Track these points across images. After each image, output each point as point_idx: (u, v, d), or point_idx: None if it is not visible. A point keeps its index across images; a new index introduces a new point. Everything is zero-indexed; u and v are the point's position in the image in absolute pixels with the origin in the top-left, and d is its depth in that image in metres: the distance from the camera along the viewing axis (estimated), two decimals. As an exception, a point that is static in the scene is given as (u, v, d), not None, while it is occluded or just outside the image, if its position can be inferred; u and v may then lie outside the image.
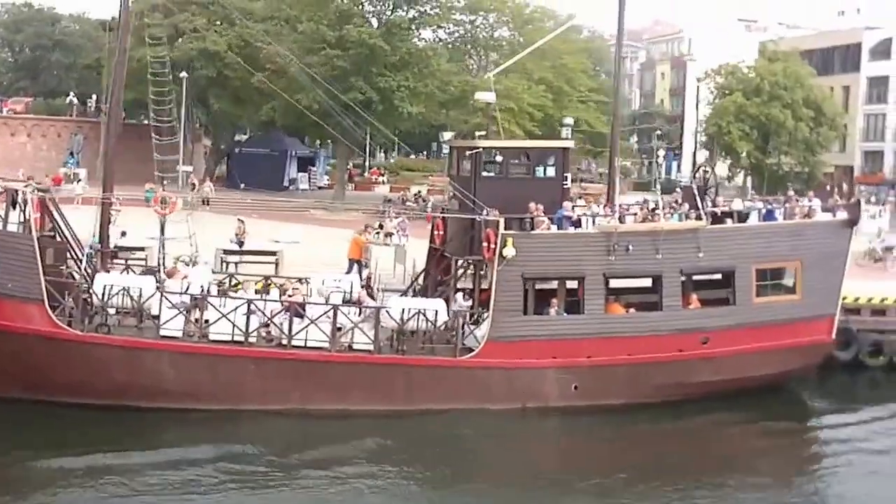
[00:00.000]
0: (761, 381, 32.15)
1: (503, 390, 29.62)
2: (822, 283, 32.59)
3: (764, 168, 74.18)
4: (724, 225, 31.92)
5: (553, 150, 32.32)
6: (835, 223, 33.22)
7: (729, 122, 70.74)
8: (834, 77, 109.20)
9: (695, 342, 31.11)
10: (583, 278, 30.23)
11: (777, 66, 73.67)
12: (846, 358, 38.23)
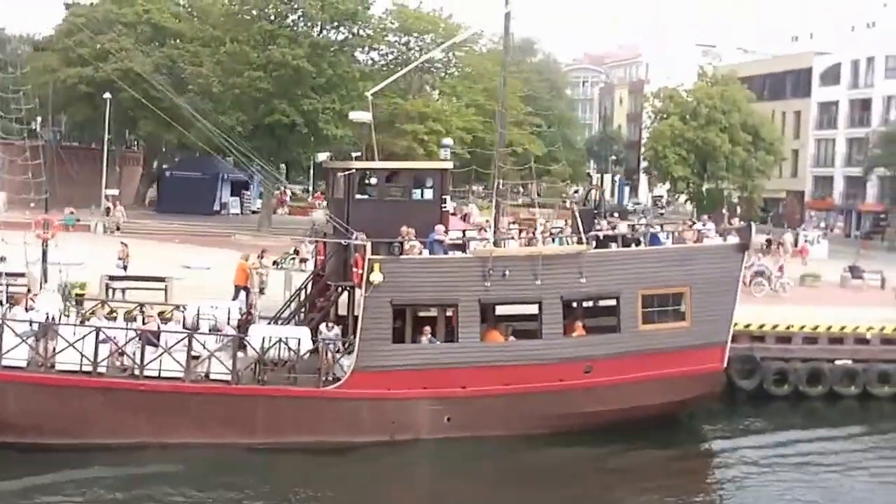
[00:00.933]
0: (650, 411, 30.93)
1: (370, 422, 28.34)
2: (713, 309, 31.48)
3: (702, 193, 73.19)
4: (607, 249, 30.67)
5: (431, 171, 31.16)
6: (726, 247, 32.14)
7: (665, 146, 69.75)
8: (786, 102, 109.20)
9: (577, 371, 29.92)
10: (456, 305, 28.96)
11: (714, 89, 72.80)
12: (750, 387, 37.29)
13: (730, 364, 36.53)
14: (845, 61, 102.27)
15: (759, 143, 71.64)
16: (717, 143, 68.60)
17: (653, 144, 72.01)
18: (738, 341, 37.59)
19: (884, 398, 38.11)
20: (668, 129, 69.85)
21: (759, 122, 71.86)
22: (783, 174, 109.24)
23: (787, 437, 34.17)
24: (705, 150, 69.58)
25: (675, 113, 71.24)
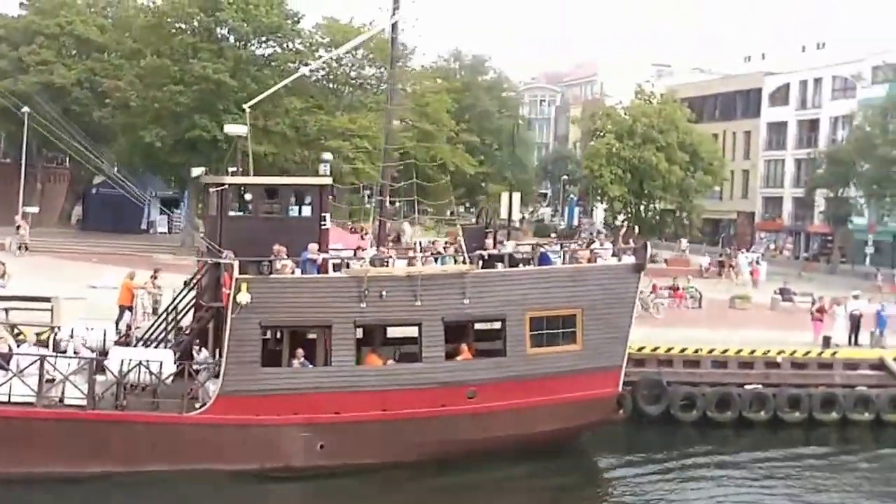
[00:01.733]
0: (540, 438, 29.76)
1: (237, 450, 26.93)
2: (607, 332, 30.28)
3: (640, 213, 72.22)
4: (492, 269, 29.41)
5: (309, 187, 29.80)
6: (621, 268, 30.94)
7: (601, 164, 68.68)
8: (737, 122, 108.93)
9: (460, 396, 28.63)
10: (329, 327, 27.63)
11: (651, 108, 71.91)
12: (656, 412, 36.08)
13: (636, 389, 35.74)
14: (794, 82, 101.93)
15: (697, 162, 70.61)
16: (653, 162, 67.53)
17: (588, 163, 70.87)
18: (645, 365, 36.74)
19: (794, 424, 37.00)
20: (604, 148, 68.76)
21: (698, 141, 70.80)
22: (734, 195, 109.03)
23: (693, 463, 33.08)
24: (642, 170, 68.51)
25: (611, 131, 70.16)
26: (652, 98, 74.21)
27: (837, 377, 38.06)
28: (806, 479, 32.15)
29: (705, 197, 74.99)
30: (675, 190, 69.36)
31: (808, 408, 37.15)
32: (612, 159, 68.59)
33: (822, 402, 37.35)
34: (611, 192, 68.00)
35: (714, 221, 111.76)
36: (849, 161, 74.37)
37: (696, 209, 73.16)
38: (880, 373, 38.37)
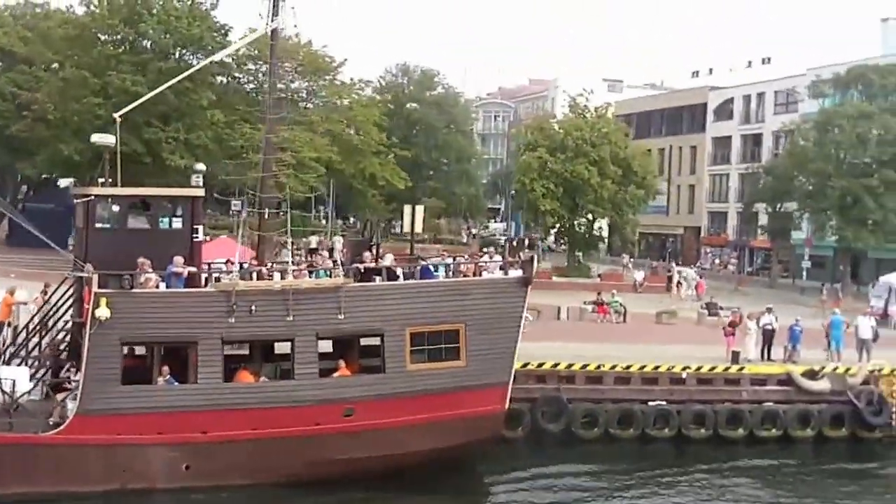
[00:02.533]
0: (422, 457, 28.81)
1: (98, 470, 25.92)
2: (493, 347, 29.42)
3: (573, 227, 71.73)
4: (369, 283, 28.54)
5: (180, 199, 28.85)
6: (506, 282, 30.13)
7: (533, 178, 68.06)
8: (683, 137, 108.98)
9: (335, 415, 27.73)
10: (195, 343, 26.66)
11: (583, 121, 71.45)
12: (556, 430, 35.25)
13: (535, 406, 34.94)
14: (738, 97, 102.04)
15: (630, 176, 70.12)
16: (585, 176, 66.97)
17: (520, 177, 70.24)
18: (546, 382, 35.94)
19: (700, 440, 36.24)
20: (535, 161, 68.14)
21: (631, 155, 70.33)
22: (681, 210, 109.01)
23: (593, 481, 32.35)
24: (574, 183, 67.93)
25: (544, 145, 69.56)
26: (586, 112, 73.58)
27: (744, 393, 37.41)
28: (710, 495, 31.44)
29: (641, 211, 74.34)
30: (607, 204, 68.73)
31: (714, 424, 36.44)
32: (544, 173, 67.92)
33: (728, 418, 36.70)
34: (542, 205, 67.32)
35: (661, 236, 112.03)
36: (786, 176, 74.06)
37: (629, 223, 72.56)
38: (788, 388, 37.71)
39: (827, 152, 68.14)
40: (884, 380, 38.61)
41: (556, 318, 53.69)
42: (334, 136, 65.12)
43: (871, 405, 37.68)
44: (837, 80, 72.27)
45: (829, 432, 37.54)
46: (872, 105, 67.99)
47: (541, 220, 72.53)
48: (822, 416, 37.48)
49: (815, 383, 37.73)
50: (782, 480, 33.70)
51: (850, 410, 37.66)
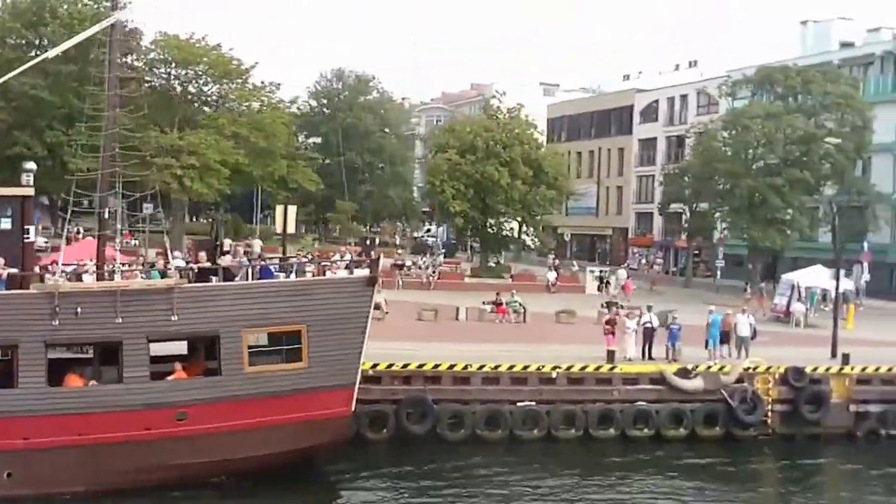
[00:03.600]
0: (263, 461, 28.22)
1: (-89, 480, 25.07)
2: (337, 349, 28.89)
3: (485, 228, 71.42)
4: (203, 284, 27.89)
5: (8, 198, 28.05)
6: (351, 281, 29.59)
7: (443, 180, 67.67)
8: (611, 139, 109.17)
9: (168, 419, 27.03)
10: (16, 346, 25.90)
11: (492, 122, 71.16)
12: (421, 431, 34.72)
13: (400, 407, 34.47)
14: (662, 99, 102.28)
15: (541, 177, 69.86)
16: (495, 177, 66.64)
17: (430, 179, 69.86)
18: (411, 383, 35.41)
19: (570, 441, 35.85)
20: (445, 163, 67.77)
21: (542, 156, 70.09)
22: (609, 211, 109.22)
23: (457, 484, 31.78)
24: (484, 184, 67.60)
25: (455, 147, 69.19)
26: (499, 114, 73.28)
27: (616, 392, 37.01)
28: (579, 496, 31.07)
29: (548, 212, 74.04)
30: (517, 205, 68.43)
31: (585, 424, 36.06)
32: (454, 174, 67.55)
33: (599, 418, 36.33)
34: (451, 207, 66.92)
35: (591, 237, 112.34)
36: (700, 176, 74.12)
37: (540, 224, 72.33)
38: (660, 387, 37.37)
39: (735, 152, 68.18)
40: (759, 378, 38.40)
41: (455, 318, 53.30)
42: (241, 140, 64.39)
43: (744, 403, 37.44)
44: (745, 81, 72.34)
45: (702, 431, 37.28)
46: (780, 105, 67.98)
47: (451, 222, 72.08)
48: (696, 416, 37.22)
49: (688, 382, 37.46)
50: (654, 480, 33.30)
51: (724, 409, 37.41)
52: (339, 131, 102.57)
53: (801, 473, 35.64)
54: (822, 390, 38.52)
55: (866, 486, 34.25)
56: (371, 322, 29.86)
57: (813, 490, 33.73)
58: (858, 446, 38.46)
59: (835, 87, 66.55)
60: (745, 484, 33.99)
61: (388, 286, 65.69)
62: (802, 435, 38.41)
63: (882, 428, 38.92)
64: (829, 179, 68.43)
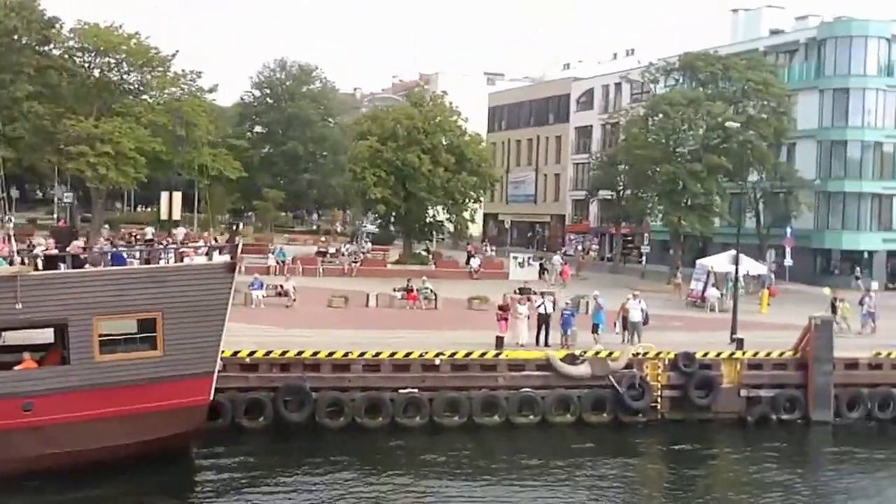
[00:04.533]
0: (116, 452, 27.55)
1: None
2: (194, 336, 28.28)
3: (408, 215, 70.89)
4: (50, 271, 27.18)
5: None
6: (210, 267, 28.98)
7: (364, 167, 67.10)
8: (549, 127, 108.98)
9: (14, 409, 26.32)
10: None
11: (414, 110, 70.60)
12: (299, 420, 34.17)
13: (277, 395, 33.94)
14: (597, 87, 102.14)
15: (464, 164, 69.43)
16: (416, 164, 66.16)
17: (352, 166, 69.28)
18: (290, 370, 34.87)
19: (453, 428, 35.42)
20: (367, 150, 67.20)
21: (465, 143, 69.63)
22: (547, 198, 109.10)
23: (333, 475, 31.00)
24: (406, 172, 67.11)
25: (377, 134, 68.63)
26: (423, 101, 72.74)
27: (501, 379, 36.56)
28: (463, 484, 30.58)
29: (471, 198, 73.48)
30: (440, 192, 67.97)
31: (469, 411, 35.62)
32: (376, 161, 67.02)
33: (484, 405, 35.90)
34: (373, 193, 66.38)
35: (530, 224, 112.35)
36: (625, 162, 74.00)
37: (462, 210, 71.90)
38: (547, 373, 36.98)
39: (657, 139, 68.05)
40: (649, 363, 38.11)
41: (366, 305, 52.85)
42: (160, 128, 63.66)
43: (632, 389, 37.16)
44: (668, 69, 72.18)
45: (590, 418, 36.94)
46: (700, 92, 67.86)
47: (373, 209, 71.61)
48: (583, 402, 36.90)
49: (575, 368, 37.11)
50: (539, 467, 32.80)
51: (612, 395, 37.09)
52: (286, 121, 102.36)
53: (689, 458, 35.39)
54: (711, 375, 38.27)
55: (754, 469, 33.95)
56: (232, 308, 29.34)
57: (700, 474, 33.38)
58: (749, 431, 38.25)
59: (754, 74, 66.41)
60: (632, 469, 33.71)
61: (310, 274, 65.49)
62: (693, 420, 38.13)
63: (773, 413, 38.73)
64: (750, 166, 68.30)
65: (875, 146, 73.61)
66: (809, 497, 30.82)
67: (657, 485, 32.46)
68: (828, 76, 74.25)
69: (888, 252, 74.97)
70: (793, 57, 78.73)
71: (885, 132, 73.46)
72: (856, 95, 73.21)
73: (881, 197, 74.28)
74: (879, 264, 74.66)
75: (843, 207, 73.91)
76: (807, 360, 39.37)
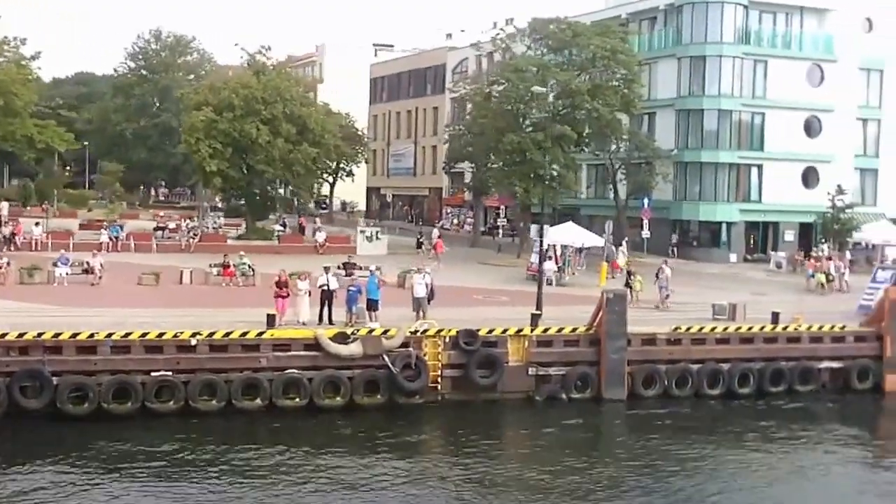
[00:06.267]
0: None
1: None
2: None
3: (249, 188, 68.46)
4: None
5: None
6: None
7: (198, 139, 64.40)
8: (426, 98, 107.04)
9: None
10: None
11: (252, 78, 67.97)
12: (38, 406, 31.83)
13: (13, 381, 31.56)
14: (472, 57, 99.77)
15: (307, 135, 67.00)
16: (253, 135, 63.60)
17: (186, 138, 66.53)
18: (29, 353, 32.43)
19: (212, 413, 33.30)
20: (199, 122, 64.46)
21: (307, 113, 67.14)
22: (426, 171, 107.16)
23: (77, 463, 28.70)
24: (243, 143, 64.54)
25: (212, 104, 65.87)
26: (264, 70, 70.08)
27: (264, 360, 34.40)
28: (219, 470, 28.60)
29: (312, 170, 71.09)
30: (279, 164, 65.49)
31: (227, 395, 33.47)
32: (211, 133, 64.35)
33: (244, 388, 33.79)
34: (208, 166, 63.71)
35: (409, 198, 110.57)
36: (479, 133, 72.10)
37: (304, 182, 69.53)
38: (315, 353, 34.90)
39: (505, 108, 66.20)
40: (428, 341, 36.21)
41: (179, 282, 50.55)
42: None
43: (408, 369, 35.27)
44: (518, 34, 70.13)
45: (362, 400, 35.00)
46: (547, 59, 66.08)
47: (210, 182, 68.91)
48: (354, 383, 34.91)
49: (345, 347, 35.08)
50: (306, 451, 30.78)
51: (386, 375, 35.14)
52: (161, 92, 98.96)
53: (467, 441, 33.42)
54: (495, 353, 36.48)
55: (538, 451, 32.73)
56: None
57: (477, 459, 31.19)
58: (537, 411, 36.60)
59: (601, 41, 64.56)
60: (407, 453, 31.71)
61: (145, 250, 62.95)
62: (478, 401, 36.33)
63: (563, 392, 37.10)
64: (604, 136, 66.78)
65: (732, 115, 72.23)
66: (593, 478, 29.24)
67: (429, 471, 30.30)
68: (685, 44, 72.74)
69: (747, 223, 73.76)
70: (654, 24, 77.19)
71: (741, 101, 72.12)
72: (712, 63, 71.70)
73: (739, 167, 73.01)
74: (738, 235, 73.56)
75: (700, 178, 72.50)
76: (599, 336, 37.67)
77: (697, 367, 38.66)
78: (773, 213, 73.88)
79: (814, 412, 38.64)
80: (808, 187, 74.37)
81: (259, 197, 69.96)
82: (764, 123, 73.70)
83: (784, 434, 34.94)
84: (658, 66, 74.95)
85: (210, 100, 66.25)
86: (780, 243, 73.43)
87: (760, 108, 73.31)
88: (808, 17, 74.99)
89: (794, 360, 40.00)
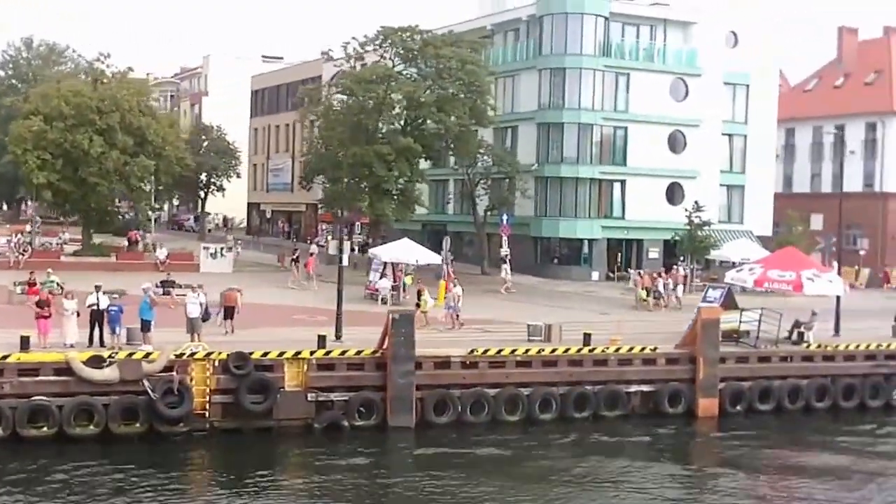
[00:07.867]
0: None
1: None
2: None
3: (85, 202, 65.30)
4: None
5: None
6: None
7: (26, 149, 61.16)
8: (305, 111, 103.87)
9: None
10: None
11: (86, 87, 64.92)
12: None
13: None
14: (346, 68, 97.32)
15: (145, 147, 64.02)
16: (85, 146, 60.47)
17: (13, 148, 63.24)
18: None
19: None
20: (27, 132, 61.22)
21: (146, 124, 64.14)
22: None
23: None
24: (74, 155, 61.37)
25: (43, 113, 62.65)
26: (103, 78, 67.02)
27: (7, 386, 31.54)
28: None
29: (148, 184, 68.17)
30: (113, 176, 62.39)
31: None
32: (40, 143, 61.09)
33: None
34: (36, 178, 60.43)
35: (288, 214, 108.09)
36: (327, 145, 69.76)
37: (140, 196, 66.53)
38: (67, 378, 32.09)
39: (343, 119, 63.91)
40: (196, 365, 33.58)
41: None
42: None
43: (169, 395, 32.56)
44: (368, 42, 67.75)
45: (119, 429, 32.28)
46: (393, 69, 63.88)
47: (39, 196, 65.66)
48: (111, 410, 32.15)
49: (100, 372, 32.35)
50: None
51: (145, 402, 32.42)
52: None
53: (231, 472, 31.25)
54: (268, 378, 33.95)
55: (313, 484, 30.32)
56: None
57: (242, 489, 29.00)
58: (315, 440, 34.10)
59: (449, 51, 62.43)
60: (167, 485, 29.09)
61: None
62: (250, 429, 33.75)
63: (346, 419, 34.63)
64: (454, 150, 64.70)
65: (593, 129, 70.53)
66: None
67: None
68: (545, 56, 70.92)
69: (610, 240, 72.06)
70: (517, 36, 75.40)
71: (603, 114, 70.43)
72: (572, 76, 69.89)
73: (601, 182, 71.34)
74: (600, 252, 71.80)
75: (560, 194, 70.64)
76: (385, 359, 35.30)
77: (495, 391, 36.41)
78: (636, 229, 72.25)
79: (620, 439, 36.60)
80: (673, 203, 72.65)
81: (95, 211, 66.65)
82: (627, 138, 72.09)
83: (586, 465, 32.82)
84: (520, 79, 73.15)
85: (41, 108, 62.90)
86: (644, 260, 71.67)
87: (623, 122, 71.69)
88: (672, 30, 73.58)
89: (600, 384, 37.91)
